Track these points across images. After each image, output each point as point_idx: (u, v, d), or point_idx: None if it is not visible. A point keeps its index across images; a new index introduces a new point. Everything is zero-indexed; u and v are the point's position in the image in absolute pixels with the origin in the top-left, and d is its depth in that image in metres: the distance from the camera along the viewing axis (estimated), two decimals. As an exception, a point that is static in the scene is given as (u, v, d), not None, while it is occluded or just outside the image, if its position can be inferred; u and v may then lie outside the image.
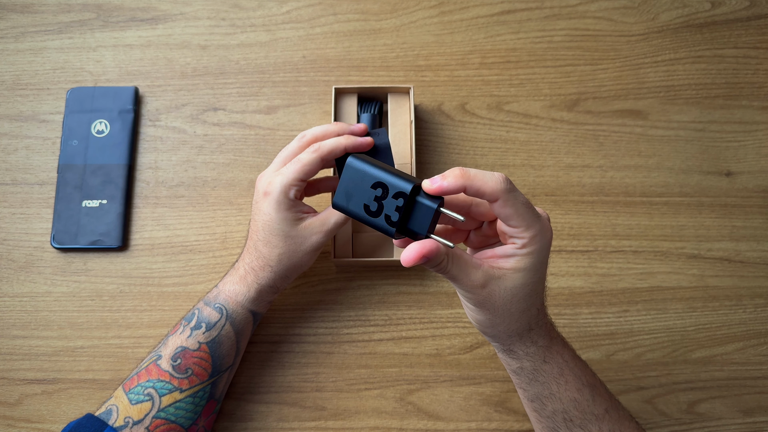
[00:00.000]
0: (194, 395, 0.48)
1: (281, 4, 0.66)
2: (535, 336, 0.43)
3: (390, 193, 0.38)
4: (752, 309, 0.59)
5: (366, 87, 0.60)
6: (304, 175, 0.48)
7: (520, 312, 0.40)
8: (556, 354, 0.44)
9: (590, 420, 0.44)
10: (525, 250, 0.39)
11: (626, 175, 0.62)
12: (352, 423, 0.55)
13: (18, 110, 0.62)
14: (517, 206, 0.37)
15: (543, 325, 0.43)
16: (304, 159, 0.48)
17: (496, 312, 0.40)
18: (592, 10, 0.67)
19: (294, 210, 0.49)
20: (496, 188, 0.36)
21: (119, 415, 0.46)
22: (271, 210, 0.48)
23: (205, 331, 0.49)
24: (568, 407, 0.44)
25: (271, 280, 0.50)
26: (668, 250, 0.60)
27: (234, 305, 0.50)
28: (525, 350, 0.43)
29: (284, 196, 0.48)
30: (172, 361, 0.48)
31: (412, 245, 0.36)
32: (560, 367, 0.44)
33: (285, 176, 0.48)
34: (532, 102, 0.64)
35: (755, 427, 0.56)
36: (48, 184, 0.60)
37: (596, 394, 0.45)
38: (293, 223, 0.49)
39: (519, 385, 0.46)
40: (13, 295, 0.58)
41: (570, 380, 0.44)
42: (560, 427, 0.44)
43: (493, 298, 0.39)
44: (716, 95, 0.65)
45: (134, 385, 0.47)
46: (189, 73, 0.64)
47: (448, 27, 0.66)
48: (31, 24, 0.65)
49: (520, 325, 0.41)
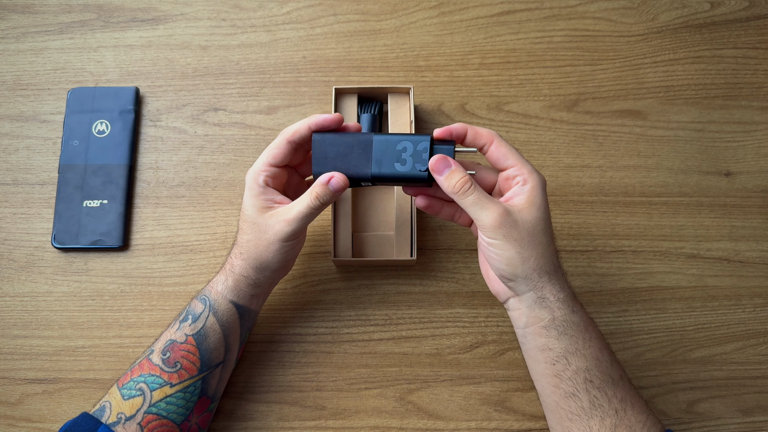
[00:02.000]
0: (185, 390, 0.48)
1: (282, 5, 0.66)
2: (561, 280, 0.46)
3: (413, 148, 0.47)
4: (751, 309, 0.59)
5: (366, 87, 0.60)
6: (272, 158, 0.49)
7: (546, 244, 0.45)
8: (581, 307, 0.46)
9: (608, 383, 0.45)
10: (528, 185, 0.45)
11: (625, 175, 0.62)
12: (352, 422, 0.55)
13: (19, 110, 0.63)
14: (509, 146, 0.46)
15: (564, 273, 0.47)
16: (271, 144, 0.49)
17: (523, 243, 0.44)
18: (592, 11, 0.67)
19: (263, 197, 0.49)
20: (491, 132, 0.47)
21: (112, 410, 0.46)
22: (245, 197, 0.49)
23: (191, 323, 0.49)
24: (590, 365, 0.45)
25: (243, 269, 0.49)
26: (667, 249, 0.61)
27: (215, 295, 0.49)
28: (556, 295, 0.45)
29: (254, 182, 0.49)
30: (162, 355, 0.48)
31: (438, 156, 0.46)
32: (585, 321, 0.46)
33: (255, 164, 0.49)
34: (532, 102, 0.64)
35: (754, 426, 0.56)
36: (49, 184, 0.61)
37: (613, 358, 0.46)
38: (261, 210, 0.48)
39: (545, 347, 0.46)
40: (14, 294, 0.58)
41: (594, 337, 0.46)
42: (579, 390, 0.45)
43: (518, 227, 0.44)
44: (715, 95, 0.65)
45: (127, 380, 0.48)
46: (190, 73, 0.64)
47: (447, 27, 0.66)
48: (32, 24, 0.65)
49: (549, 259, 0.45)
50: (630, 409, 0.45)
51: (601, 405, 0.44)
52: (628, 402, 0.45)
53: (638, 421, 0.45)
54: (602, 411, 0.44)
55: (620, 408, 0.44)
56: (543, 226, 0.45)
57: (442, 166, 0.46)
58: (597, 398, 0.45)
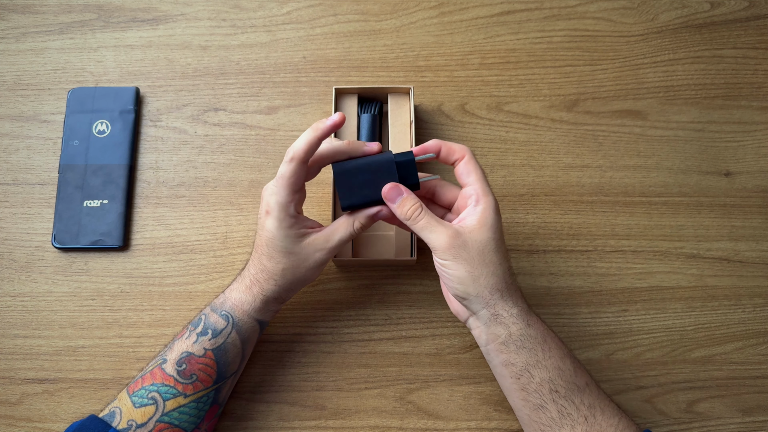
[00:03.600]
0: (198, 401, 0.48)
1: (282, 5, 0.66)
2: (515, 296, 0.47)
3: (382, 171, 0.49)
4: (751, 309, 0.59)
5: (366, 87, 0.60)
6: (294, 186, 0.48)
7: (497, 263, 0.46)
8: (536, 320, 0.47)
9: (573, 391, 0.45)
10: (480, 206, 0.47)
11: (625, 175, 0.62)
12: (352, 422, 0.55)
13: (19, 110, 0.63)
14: (475, 165, 0.48)
15: (517, 289, 0.48)
16: (285, 172, 0.48)
17: (473, 263, 0.46)
18: (592, 11, 0.67)
19: (297, 227, 0.49)
20: (463, 148, 0.49)
21: (122, 417, 0.46)
22: (273, 228, 0.48)
23: (211, 337, 0.49)
24: (553, 375, 0.46)
25: (275, 292, 0.50)
26: (667, 249, 0.61)
27: (240, 314, 0.50)
28: (509, 311, 0.46)
29: (284, 213, 0.48)
30: (177, 366, 0.48)
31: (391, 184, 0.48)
32: (542, 333, 0.47)
33: (278, 195, 0.48)
34: (532, 102, 0.64)
35: (754, 426, 0.56)
36: (49, 184, 0.61)
37: (576, 365, 0.47)
38: (296, 239, 0.49)
39: (507, 362, 0.47)
40: (14, 294, 0.58)
41: (553, 347, 0.46)
42: (546, 401, 0.46)
43: (468, 247, 0.46)
44: (715, 95, 0.65)
45: (138, 388, 0.47)
46: (190, 73, 0.64)
47: (447, 28, 0.66)
48: (32, 24, 0.65)
49: (501, 277, 0.46)
50: (600, 415, 0.45)
51: (570, 414, 0.45)
52: (597, 408, 0.45)
53: (610, 426, 0.45)
54: (571, 419, 0.45)
55: (589, 414, 0.45)
56: (493, 246, 0.46)
57: (394, 194, 0.48)
58: (565, 407, 0.45)
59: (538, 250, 0.60)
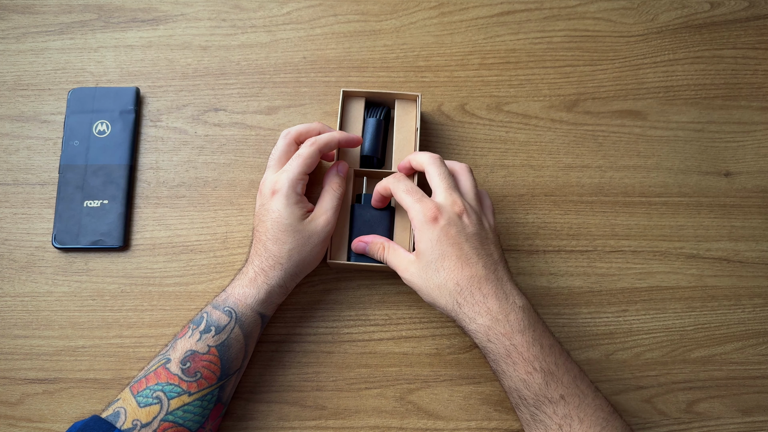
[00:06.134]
0: (203, 398, 0.48)
1: (282, 5, 0.66)
2: (474, 309, 0.47)
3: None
4: (751, 309, 0.59)
5: (374, 92, 0.60)
6: (307, 168, 0.53)
7: (439, 284, 0.48)
8: (502, 336, 0.47)
9: (544, 403, 0.46)
10: (412, 226, 0.50)
11: (625, 175, 0.62)
12: (352, 422, 0.55)
13: (19, 111, 0.63)
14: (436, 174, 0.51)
15: (476, 304, 0.47)
16: (305, 153, 0.53)
17: (423, 287, 0.49)
18: (592, 11, 0.67)
19: (301, 205, 0.53)
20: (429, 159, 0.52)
21: (127, 417, 0.46)
22: (280, 206, 0.51)
23: (214, 334, 0.49)
24: (518, 386, 0.47)
25: (281, 279, 0.51)
26: (667, 250, 0.61)
27: (243, 308, 0.50)
28: (467, 326, 0.48)
29: (292, 190, 0.52)
30: (182, 365, 0.48)
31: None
32: (506, 348, 0.47)
33: (290, 172, 0.52)
34: (532, 102, 0.64)
35: (754, 426, 0.56)
36: (49, 184, 0.61)
37: (551, 380, 0.46)
38: (300, 217, 0.52)
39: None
40: (14, 294, 0.58)
41: (518, 362, 0.46)
42: (519, 404, 0.48)
43: (417, 274, 0.50)
44: (715, 96, 0.65)
45: (143, 387, 0.47)
46: (190, 73, 0.64)
47: (447, 28, 0.66)
48: (33, 25, 0.65)
49: (450, 295, 0.48)
50: (578, 425, 0.45)
51: (543, 421, 0.46)
52: (575, 418, 0.45)
53: None
54: (545, 426, 0.46)
55: (564, 423, 0.45)
56: (435, 267, 0.49)
57: (361, 247, 0.55)
58: (536, 414, 0.46)
59: (538, 250, 0.60)
